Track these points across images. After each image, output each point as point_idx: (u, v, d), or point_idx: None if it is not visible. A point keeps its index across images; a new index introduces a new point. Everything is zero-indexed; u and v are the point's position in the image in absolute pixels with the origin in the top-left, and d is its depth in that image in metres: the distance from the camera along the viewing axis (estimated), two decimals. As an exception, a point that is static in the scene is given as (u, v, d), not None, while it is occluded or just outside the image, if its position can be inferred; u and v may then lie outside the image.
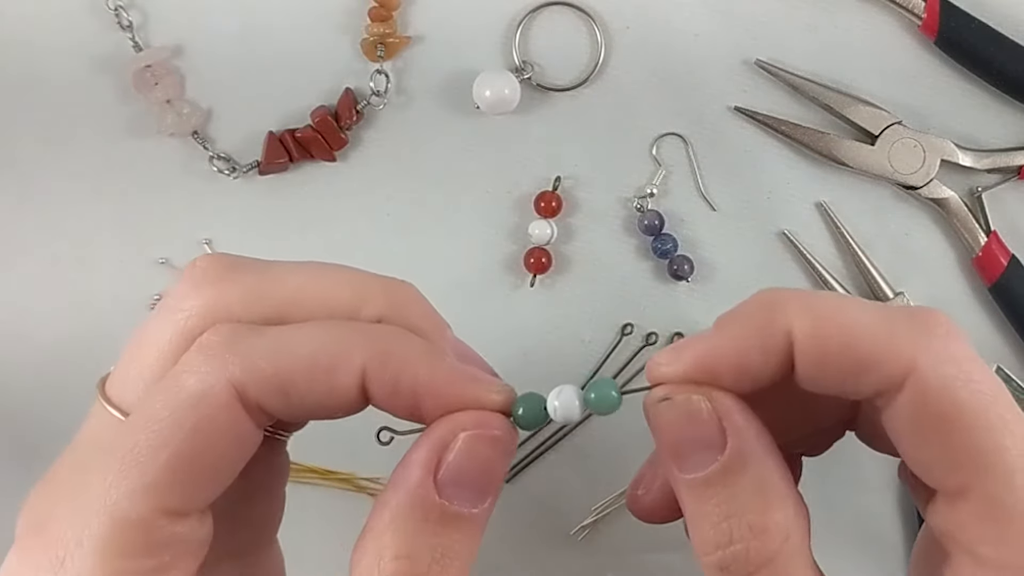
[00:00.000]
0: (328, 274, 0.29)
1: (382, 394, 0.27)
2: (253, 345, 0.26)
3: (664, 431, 0.27)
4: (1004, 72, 0.45)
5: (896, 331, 0.26)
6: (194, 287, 0.28)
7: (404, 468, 0.26)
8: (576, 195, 0.48)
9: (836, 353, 0.26)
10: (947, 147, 0.45)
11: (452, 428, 0.26)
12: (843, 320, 0.26)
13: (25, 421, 0.48)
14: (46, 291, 0.48)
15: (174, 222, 0.48)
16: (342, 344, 0.26)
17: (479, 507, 0.26)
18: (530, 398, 0.28)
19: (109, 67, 0.47)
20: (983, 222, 0.46)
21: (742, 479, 0.26)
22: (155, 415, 0.25)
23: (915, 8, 0.45)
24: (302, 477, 0.47)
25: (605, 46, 0.46)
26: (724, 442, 0.26)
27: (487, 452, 0.26)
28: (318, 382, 0.26)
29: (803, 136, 0.46)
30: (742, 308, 0.27)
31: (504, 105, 0.46)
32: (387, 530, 0.26)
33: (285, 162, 0.47)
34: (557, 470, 0.48)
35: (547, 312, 0.48)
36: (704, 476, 0.26)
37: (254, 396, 0.26)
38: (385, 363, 0.26)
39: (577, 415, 0.28)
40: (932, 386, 0.25)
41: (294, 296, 0.28)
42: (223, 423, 0.25)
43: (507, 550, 0.48)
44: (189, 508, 0.26)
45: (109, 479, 0.25)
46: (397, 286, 0.29)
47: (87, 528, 0.25)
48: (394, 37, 0.46)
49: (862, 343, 0.26)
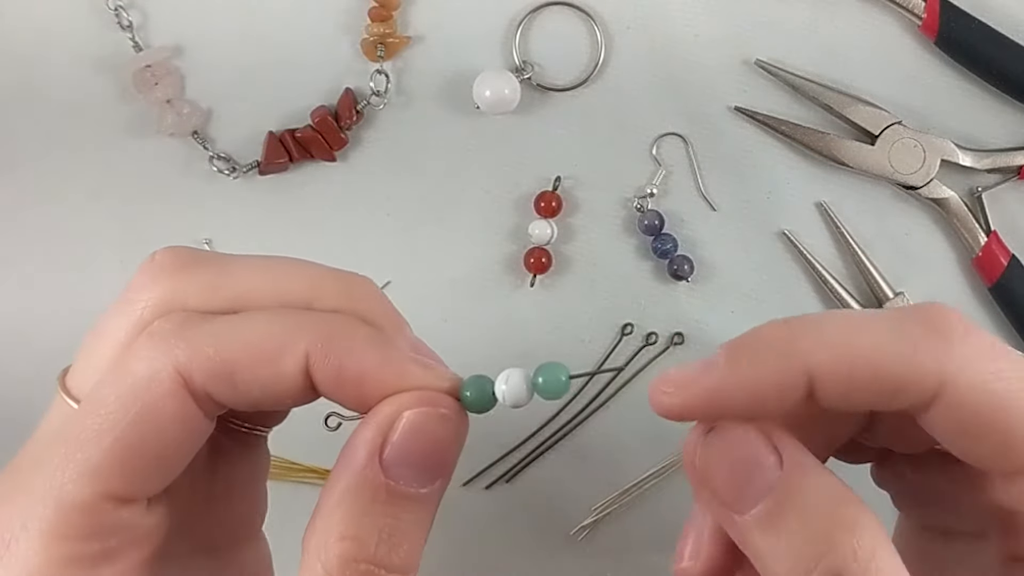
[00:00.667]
0: (284, 267, 0.29)
1: (326, 381, 0.26)
2: (200, 331, 0.26)
3: (718, 464, 0.26)
4: (1004, 72, 0.45)
5: (918, 346, 0.25)
6: (151, 279, 0.28)
7: (350, 449, 0.26)
8: (576, 195, 0.48)
9: (862, 384, 0.25)
10: (947, 147, 0.45)
11: (397, 407, 0.26)
12: (863, 348, 0.25)
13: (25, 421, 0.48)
14: (46, 291, 0.48)
15: (174, 222, 0.48)
16: (287, 329, 0.26)
17: (428, 487, 0.26)
18: (478, 381, 0.27)
19: (109, 67, 0.47)
20: (983, 222, 0.46)
21: (807, 499, 0.25)
22: (102, 400, 0.25)
23: (915, 8, 0.45)
24: (302, 477, 0.47)
25: (605, 46, 0.46)
26: (779, 462, 0.25)
27: (434, 430, 0.26)
28: (263, 367, 0.26)
29: (803, 136, 0.46)
30: (755, 343, 0.26)
31: (504, 105, 0.46)
32: (334, 511, 0.25)
33: (285, 162, 0.47)
34: (557, 470, 0.48)
35: (547, 312, 0.48)
36: (765, 508, 0.25)
37: (200, 382, 0.26)
38: (328, 349, 0.26)
39: (525, 399, 0.27)
40: (965, 391, 0.25)
41: (249, 288, 0.28)
42: (169, 409, 0.25)
43: (507, 550, 0.48)
44: (135, 494, 0.26)
45: (55, 463, 0.25)
46: (354, 280, 0.29)
47: (32, 511, 0.25)
48: (394, 37, 0.46)
49: (887, 369, 0.25)
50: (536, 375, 0.27)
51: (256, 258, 0.29)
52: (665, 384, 0.26)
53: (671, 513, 0.48)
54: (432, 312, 0.47)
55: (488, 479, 0.48)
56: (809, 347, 0.25)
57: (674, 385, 0.26)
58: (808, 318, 0.27)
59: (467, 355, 0.30)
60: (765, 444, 0.26)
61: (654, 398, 0.27)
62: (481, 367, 0.30)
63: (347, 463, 0.26)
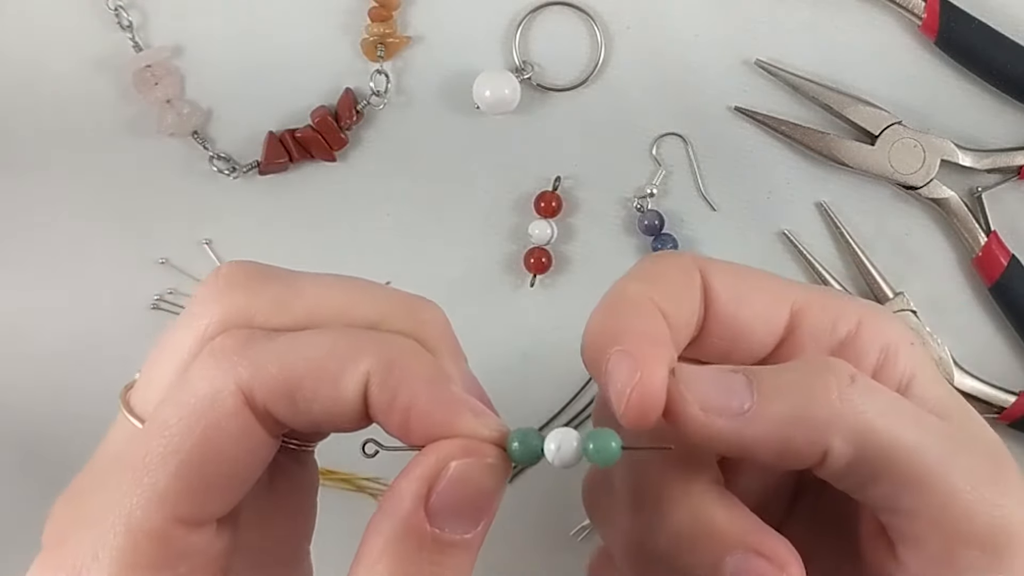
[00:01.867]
0: (353, 287, 0.28)
1: (379, 405, 0.26)
2: (263, 348, 0.26)
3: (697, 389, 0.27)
4: (1004, 72, 0.45)
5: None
6: (216, 294, 0.27)
7: (395, 496, 0.26)
8: (576, 195, 0.48)
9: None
10: (947, 147, 0.45)
11: (443, 456, 0.26)
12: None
13: (25, 421, 0.48)
14: (46, 291, 0.48)
15: (174, 222, 0.48)
16: (350, 349, 0.26)
17: (472, 532, 0.26)
18: (527, 433, 0.27)
19: (109, 67, 0.47)
20: (983, 222, 0.46)
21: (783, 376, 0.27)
22: (166, 421, 0.25)
23: (915, 8, 0.45)
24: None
25: (605, 46, 0.46)
26: None
27: (479, 480, 0.26)
28: (324, 387, 0.26)
29: (803, 136, 0.46)
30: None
31: (504, 105, 0.46)
32: (380, 559, 0.25)
33: (285, 162, 0.47)
34: (557, 470, 0.48)
35: (547, 312, 0.48)
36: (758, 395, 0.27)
37: (262, 400, 0.25)
38: (388, 372, 0.26)
39: (574, 461, 0.27)
40: None
41: (316, 307, 0.27)
42: (233, 428, 0.25)
43: (507, 550, 0.48)
44: (204, 517, 0.25)
45: (123, 489, 0.25)
46: (422, 304, 0.29)
47: (102, 540, 0.24)
48: (394, 37, 0.46)
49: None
50: (587, 440, 0.27)
51: (324, 276, 0.28)
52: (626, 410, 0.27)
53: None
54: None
55: (488, 479, 0.48)
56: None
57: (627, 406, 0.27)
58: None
59: (467, 355, 0.30)
60: (715, 367, 0.28)
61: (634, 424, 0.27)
62: (481, 367, 0.30)
63: (392, 511, 0.26)
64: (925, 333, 0.46)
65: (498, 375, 0.30)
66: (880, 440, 0.26)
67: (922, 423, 0.27)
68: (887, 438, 0.26)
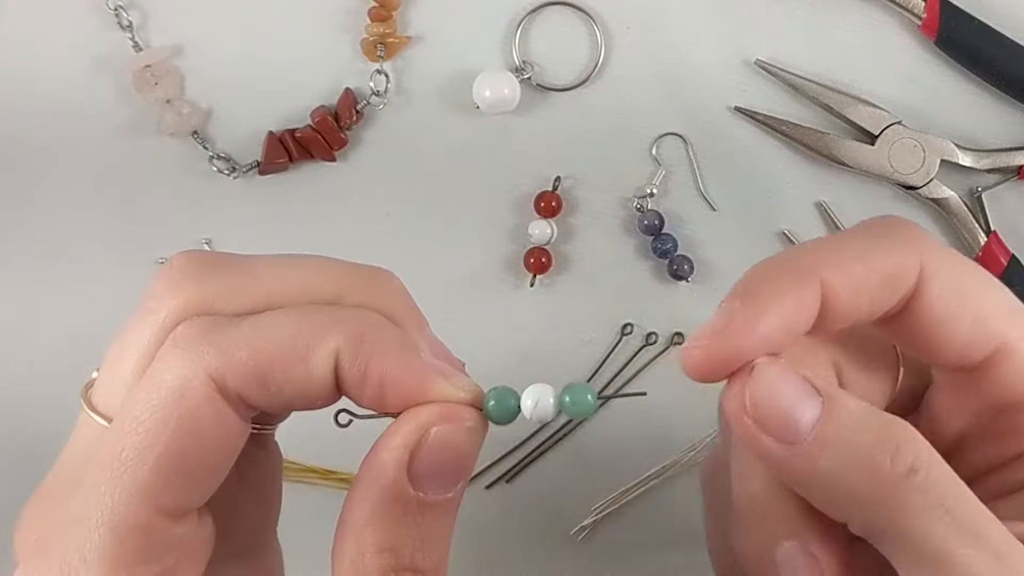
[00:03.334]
0: (309, 265, 0.28)
1: (350, 381, 0.26)
2: (228, 334, 0.26)
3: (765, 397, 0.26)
4: (1004, 72, 0.45)
5: (903, 248, 0.28)
6: (172, 285, 0.27)
7: (376, 463, 0.26)
8: (576, 195, 0.48)
9: (868, 289, 0.27)
10: (947, 147, 0.45)
11: (422, 422, 0.26)
12: (865, 260, 0.27)
13: (24, 421, 0.48)
14: (46, 291, 0.48)
15: (174, 222, 0.48)
16: (317, 328, 0.26)
17: (452, 491, 0.27)
18: (503, 392, 0.27)
19: (109, 67, 0.47)
20: (983, 222, 0.46)
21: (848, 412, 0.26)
22: (137, 416, 0.25)
23: (915, 8, 0.45)
24: (302, 477, 0.47)
25: (605, 46, 0.46)
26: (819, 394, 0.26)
27: (459, 443, 0.27)
28: (295, 367, 0.26)
29: (803, 136, 0.46)
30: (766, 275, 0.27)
31: (504, 105, 0.46)
32: (367, 526, 0.26)
33: (285, 162, 0.47)
34: (557, 470, 0.48)
35: (547, 312, 0.48)
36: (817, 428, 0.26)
37: (233, 386, 0.26)
38: (358, 347, 0.26)
39: (551, 415, 0.28)
40: (945, 280, 0.28)
41: (275, 289, 0.27)
42: (207, 416, 0.25)
43: (507, 550, 0.48)
44: (186, 507, 0.25)
45: (102, 488, 0.24)
46: (380, 275, 0.29)
47: (88, 542, 0.24)
48: (394, 37, 0.46)
49: (886, 271, 0.27)
50: (564, 393, 0.28)
51: (279, 257, 0.29)
52: (691, 343, 0.27)
53: (671, 513, 0.48)
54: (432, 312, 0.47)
55: (488, 479, 0.48)
56: (823, 266, 0.27)
57: (698, 341, 0.27)
58: (806, 244, 0.28)
59: (467, 355, 0.30)
60: (803, 383, 0.26)
61: (685, 362, 0.27)
62: (481, 367, 0.30)
63: (375, 478, 0.26)
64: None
65: (498, 375, 0.30)
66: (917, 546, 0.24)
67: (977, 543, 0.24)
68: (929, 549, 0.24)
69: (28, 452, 0.47)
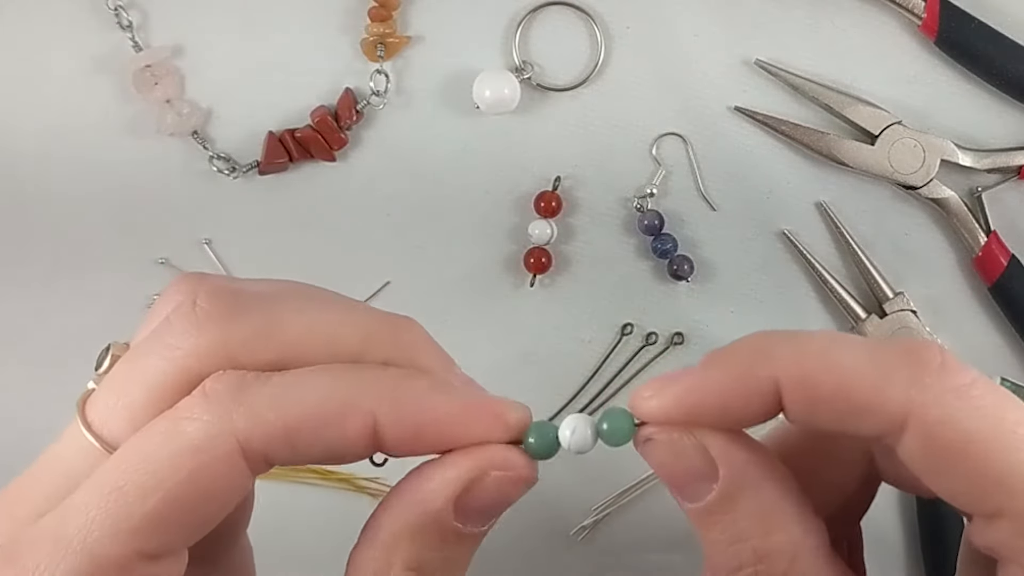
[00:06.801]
0: (332, 312, 0.28)
1: (400, 440, 0.27)
2: (259, 395, 0.26)
3: (657, 467, 0.28)
4: (1004, 72, 0.45)
5: (890, 372, 0.25)
6: (195, 327, 0.27)
7: (425, 489, 0.27)
8: (576, 195, 0.48)
9: (827, 399, 0.26)
10: (947, 147, 0.45)
11: (482, 465, 0.27)
12: (833, 366, 0.26)
13: (23, 421, 0.48)
14: (46, 291, 0.48)
15: (174, 222, 0.48)
16: (351, 391, 0.26)
17: (486, 526, 0.28)
18: (542, 428, 0.28)
19: (109, 67, 0.47)
20: (983, 222, 0.46)
21: (741, 505, 0.26)
22: (148, 457, 0.25)
23: (915, 8, 0.45)
24: (302, 477, 0.47)
25: (605, 46, 0.46)
26: (716, 472, 0.26)
27: (510, 491, 0.28)
28: (326, 431, 0.26)
29: (803, 136, 0.46)
30: (732, 349, 0.27)
31: (504, 105, 0.46)
32: (401, 541, 0.27)
33: (285, 162, 0.47)
34: (557, 470, 0.48)
35: (547, 312, 0.48)
36: (705, 505, 0.27)
37: (259, 448, 0.25)
38: (399, 409, 0.26)
39: (590, 446, 0.28)
40: (934, 422, 0.25)
41: (299, 339, 0.27)
42: (221, 474, 0.25)
43: (507, 550, 0.48)
44: (172, 551, 0.25)
45: (91, 515, 0.24)
46: (403, 324, 0.29)
47: (64, 564, 0.24)
48: (394, 37, 0.46)
49: (854, 390, 0.25)
50: (601, 421, 0.28)
51: (303, 302, 0.28)
52: (645, 388, 0.27)
53: (671, 513, 0.48)
54: (432, 312, 0.47)
55: (488, 479, 0.48)
56: (782, 357, 0.26)
57: (653, 389, 0.27)
58: (787, 332, 0.27)
59: (467, 355, 0.30)
60: (701, 456, 0.27)
61: (635, 404, 0.27)
62: (481, 367, 0.30)
63: (420, 501, 0.27)
64: (925, 333, 0.46)
65: (498, 375, 0.30)
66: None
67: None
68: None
69: (28, 454, 0.47)
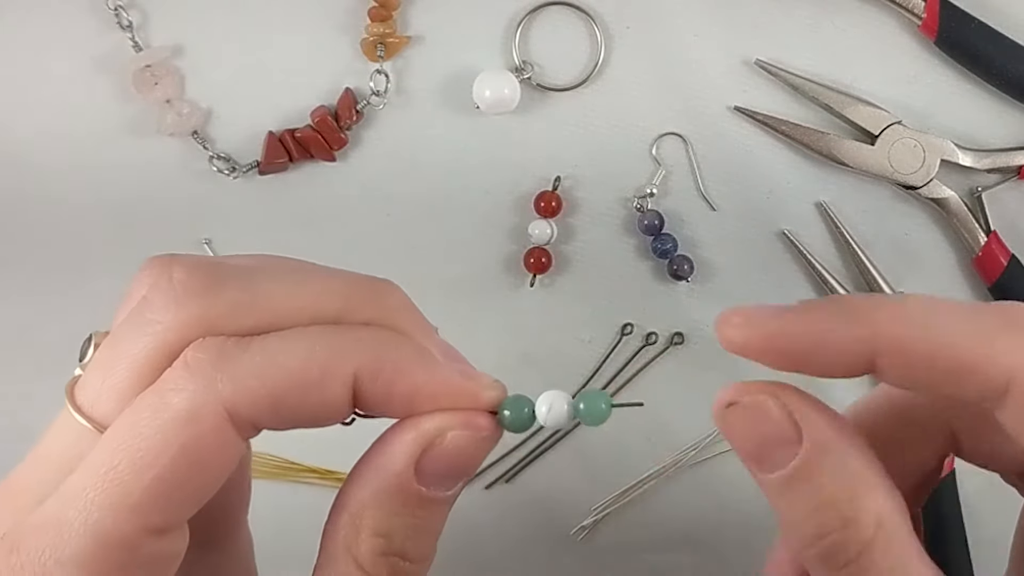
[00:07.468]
0: (315, 280, 0.28)
1: (374, 400, 0.27)
2: (241, 362, 0.26)
3: (738, 436, 0.27)
4: (1004, 72, 0.45)
5: (992, 334, 0.25)
6: (173, 300, 0.27)
7: (386, 452, 0.27)
8: (576, 195, 0.48)
9: (928, 362, 0.25)
10: (947, 147, 0.45)
11: (441, 425, 0.27)
12: (939, 329, 0.25)
13: (24, 421, 0.48)
14: (46, 291, 0.48)
15: (174, 222, 0.48)
16: (332, 353, 0.26)
17: (452, 490, 0.28)
18: (518, 401, 0.28)
19: (109, 67, 0.47)
20: (983, 222, 0.46)
21: (825, 470, 0.26)
22: (139, 433, 0.25)
23: (915, 8, 0.45)
24: (302, 477, 0.47)
25: (605, 46, 0.46)
26: (800, 436, 0.26)
27: (471, 450, 0.27)
28: (310, 394, 0.26)
29: (803, 136, 0.46)
30: (828, 302, 0.27)
31: (504, 105, 0.46)
32: (366, 509, 0.27)
33: (285, 162, 0.47)
34: (557, 470, 0.48)
35: (547, 312, 0.48)
36: (787, 473, 0.26)
37: (245, 414, 0.25)
38: (378, 370, 0.26)
39: (565, 422, 0.28)
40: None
41: (280, 306, 0.27)
42: (212, 443, 0.25)
43: (507, 550, 0.48)
44: (173, 525, 0.25)
45: (89, 496, 0.24)
46: (384, 288, 0.29)
47: (68, 547, 0.24)
48: (394, 37, 0.46)
49: (957, 352, 0.25)
50: (578, 400, 0.28)
51: (282, 270, 0.28)
52: (734, 315, 0.26)
53: (671, 513, 0.48)
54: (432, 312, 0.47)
55: (488, 479, 0.48)
56: (882, 319, 0.26)
57: (743, 318, 0.26)
58: (882, 295, 0.28)
59: (467, 355, 0.30)
60: (786, 419, 0.26)
61: (720, 329, 0.26)
62: (481, 367, 0.30)
63: (382, 465, 0.27)
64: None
65: (498, 375, 0.30)
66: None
67: None
68: None
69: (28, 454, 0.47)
